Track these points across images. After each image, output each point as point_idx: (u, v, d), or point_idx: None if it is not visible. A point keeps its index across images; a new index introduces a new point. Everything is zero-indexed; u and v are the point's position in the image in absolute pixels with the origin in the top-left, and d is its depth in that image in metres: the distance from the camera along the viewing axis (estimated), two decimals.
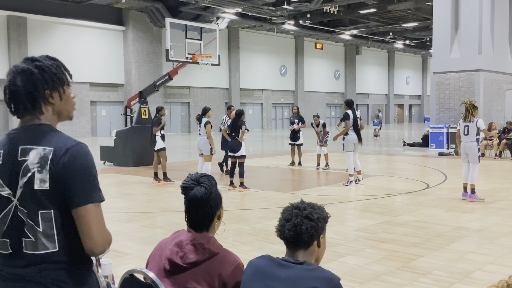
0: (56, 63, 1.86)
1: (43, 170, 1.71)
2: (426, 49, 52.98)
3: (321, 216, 2.12)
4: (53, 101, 1.82)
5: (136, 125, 14.91)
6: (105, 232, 1.77)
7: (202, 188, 2.29)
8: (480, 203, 8.58)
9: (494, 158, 16.22)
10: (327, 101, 48.87)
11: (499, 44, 20.53)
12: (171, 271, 2.23)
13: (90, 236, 1.72)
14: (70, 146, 1.74)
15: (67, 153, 1.72)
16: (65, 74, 1.87)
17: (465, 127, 8.80)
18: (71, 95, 1.89)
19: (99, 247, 1.75)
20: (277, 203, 8.83)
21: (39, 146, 1.74)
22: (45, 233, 1.74)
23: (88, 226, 1.72)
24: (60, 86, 1.84)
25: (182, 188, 2.34)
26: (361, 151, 12.35)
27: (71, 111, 1.91)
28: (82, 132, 30.97)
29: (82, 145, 1.78)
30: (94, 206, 1.73)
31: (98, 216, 1.74)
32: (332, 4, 30.87)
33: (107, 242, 1.77)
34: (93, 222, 1.72)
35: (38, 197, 1.72)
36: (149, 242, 6.18)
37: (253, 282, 2.09)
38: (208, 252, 2.22)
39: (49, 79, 1.81)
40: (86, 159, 1.75)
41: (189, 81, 36.04)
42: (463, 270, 4.97)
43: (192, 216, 2.33)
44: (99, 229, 1.74)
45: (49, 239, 1.74)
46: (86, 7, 30.35)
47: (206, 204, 2.29)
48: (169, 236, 2.40)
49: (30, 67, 1.80)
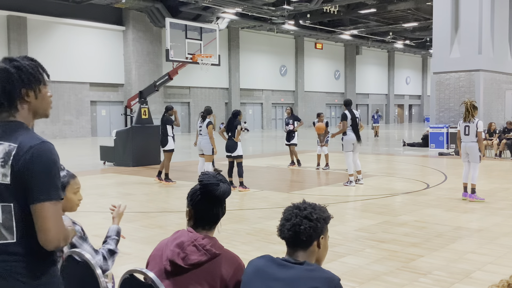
0: (33, 63, 1.93)
1: (5, 165, 1.79)
2: (426, 49, 52.99)
3: (321, 217, 2.11)
4: (28, 99, 1.89)
5: (136, 125, 14.91)
6: (61, 229, 1.82)
7: (225, 184, 2.32)
8: (480, 203, 8.58)
9: (494, 158, 16.21)
10: (327, 101, 48.86)
11: (499, 44, 20.53)
12: (172, 272, 2.22)
13: (45, 231, 1.78)
14: (34, 144, 1.81)
15: (29, 151, 1.79)
16: (42, 74, 1.94)
17: (465, 127, 8.80)
18: (47, 94, 1.97)
19: (53, 243, 1.80)
20: (277, 203, 8.83)
21: (6, 142, 1.82)
22: (4, 224, 1.81)
23: (43, 222, 1.78)
24: (36, 85, 1.91)
25: (203, 185, 2.30)
26: (361, 151, 12.34)
27: (47, 109, 1.98)
28: (82, 132, 30.98)
29: (46, 144, 1.83)
30: (51, 204, 1.79)
31: (55, 213, 1.80)
32: (332, 4, 30.87)
33: (62, 239, 1.83)
34: (49, 218, 1.78)
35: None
36: (149, 242, 6.18)
37: (253, 282, 2.09)
38: (210, 253, 2.21)
39: (26, 78, 1.87)
40: (47, 158, 1.81)
41: (189, 81, 36.05)
42: (463, 270, 4.97)
43: (204, 212, 2.31)
44: (54, 226, 1.79)
45: (8, 230, 1.82)
46: (86, 7, 30.36)
47: (224, 201, 2.34)
48: (169, 237, 2.39)
49: (8, 67, 1.87)
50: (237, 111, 10.52)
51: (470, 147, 8.76)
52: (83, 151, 20.00)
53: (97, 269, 2.45)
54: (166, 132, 11.64)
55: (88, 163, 14.22)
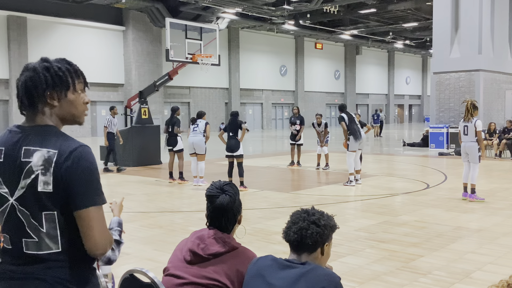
0: (67, 67, 1.84)
1: (47, 173, 1.72)
2: (426, 49, 52.95)
3: (328, 224, 2.15)
4: (52, 102, 1.81)
5: (136, 125, 14.92)
6: (106, 234, 1.79)
7: (227, 196, 2.41)
8: (480, 203, 8.58)
9: (494, 158, 16.21)
10: (327, 101, 48.85)
11: (499, 44, 20.53)
12: (191, 261, 2.32)
13: (91, 237, 1.74)
14: (74, 149, 1.75)
15: (71, 156, 1.73)
16: (72, 78, 1.84)
17: (464, 127, 8.79)
18: (80, 101, 1.86)
19: (100, 248, 1.77)
20: (277, 203, 8.83)
21: (43, 148, 1.74)
22: (48, 233, 1.76)
23: (89, 228, 1.74)
24: (62, 90, 1.81)
25: (207, 196, 2.45)
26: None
27: (78, 116, 1.87)
28: (82, 132, 30.97)
29: (85, 147, 1.78)
30: (96, 209, 1.75)
31: (100, 218, 1.76)
32: (332, 4, 30.86)
33: (108, 243, 1.80)
34: (94, 224, 1.74)
35: (41, 198, 1.73)
36: (149, 242, 6.18)
37: (255, 281, 2.11)
38: (228, 245, 2.33)
39: (51, 80, 1.79)
40: (89, 162, 1.76)
41: (189, 81, 36.05)
42: (463, 270, 4.97)
43: (215, 222, 2.43)
44: (100, 231, 1.76)
45: (53, 240, 1.76)
46: (86, 7, 30.34)
47: (230, 211, 2.41)
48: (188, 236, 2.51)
49: (37, 67, 1.80)
50: (236, 112, 10.62)
51: (469, 147, 8.75)
52: None
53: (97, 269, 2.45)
54: (174, 132, 11.66)
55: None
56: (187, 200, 9.41)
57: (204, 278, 2.25)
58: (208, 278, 2.25)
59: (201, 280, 2.25)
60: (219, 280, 2.24)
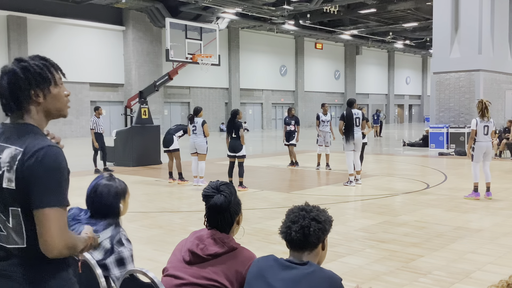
0: (43, 63, 1.88)
1: (11, 170, 1.75)
2: (426, 49, 52.96)
3: (327, 219, 2.15)
4: (38, 100, 1.84)
5: (136, 125, 14.92)
6: (63, 237, 1.74)
7: (222, 196, 2.40)
8: (480, 203, 8.59)
9: (494, 158, 16.17)
10: (327, 101, 48.78)
11: (499, 44, 20.53)
12: (190, 261, 2.32)
13: (45, 239, 1.72)
14: (39, 148, 1.75)
15: (34, 156, 1.74)
16: (52, 73, 1.88)
17: (484, 127, 8.88)
18: (62, 93, 1.91)
19: (53, 251, 1.73)
20: (277, 203, 8.83)
21: (12, 146, 1.78)
22: (14, 228, 1.79)
23: (43, 228, 1.72)
24: (45, 86, 1.85)
25: (203, 196, 2.45)
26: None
27: (62, 109, 1.92)
28: (82, 132, 30.96)
29: (52, 148, 1.77)
30: (52, 210, 1.72)
31: (56, 220, 1.73)
32: (332, 4, 30.87)
33: (64, 247, 1.75)
34: (50, 225, 1.71)
35: (5, 195, 1.77)
36: (149, 242, 6.18)
37: (256, 282, 2.10)
38: (227, 246, 2.33)
39: (33, 79, 1.82)
40: (51, 163, 1.75)
41: (189, 81, 36.04)
42: (463, 270, 4.97)
43: (212, 222, 2.43)
44: (55, 233, 1.72)
45: (18, 235, 1.79)
46: (86, 7, 30.34)
47: (225, 211, 2.40)
48: (187, 237, 2.51)
49: (15, 68, 1.84)
50: (236, 110, 10.49)
51: (490, 146, 9.00)
52: (83, 151, 19.97)
53: (97, 269, 2.45)
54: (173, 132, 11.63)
55: (88, 163, 14.21)
56: (186, 200, 9.41)
57: (203, 279, 2.25)
58: (207, 278, 2.25)
59: (200, 280, 2.25)
60: (218, 281, 2.24)
